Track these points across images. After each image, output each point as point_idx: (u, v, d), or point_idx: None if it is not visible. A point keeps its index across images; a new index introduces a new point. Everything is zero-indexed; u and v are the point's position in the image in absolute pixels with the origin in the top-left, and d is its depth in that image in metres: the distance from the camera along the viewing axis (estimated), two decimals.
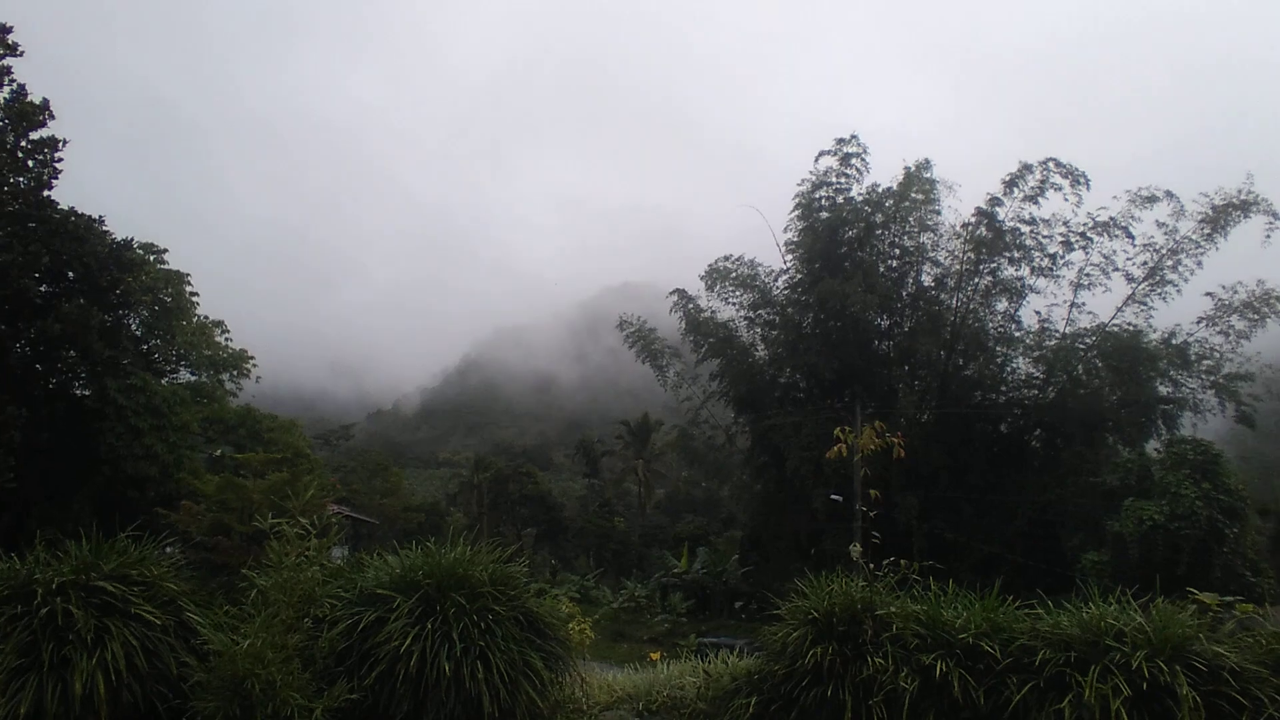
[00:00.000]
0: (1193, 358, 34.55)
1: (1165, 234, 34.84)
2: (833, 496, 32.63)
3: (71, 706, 7.87)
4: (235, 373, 37.87)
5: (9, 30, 22.23)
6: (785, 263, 39.55)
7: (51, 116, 23.16)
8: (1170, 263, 34.95)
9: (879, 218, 37.60)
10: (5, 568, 8.73)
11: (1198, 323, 34.76)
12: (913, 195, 37.35)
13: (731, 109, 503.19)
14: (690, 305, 40.41)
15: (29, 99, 22.86)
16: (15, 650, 7.90)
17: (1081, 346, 35.56)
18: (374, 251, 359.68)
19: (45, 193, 23.68)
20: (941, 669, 8.30)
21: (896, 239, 38.45)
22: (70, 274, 24.39)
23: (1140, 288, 35.41)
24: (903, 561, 9.45)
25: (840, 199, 37.89)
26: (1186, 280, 34.88)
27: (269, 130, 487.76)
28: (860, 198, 37.82)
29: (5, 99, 22.53)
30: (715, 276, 39.87)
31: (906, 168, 37.96)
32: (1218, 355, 34.29)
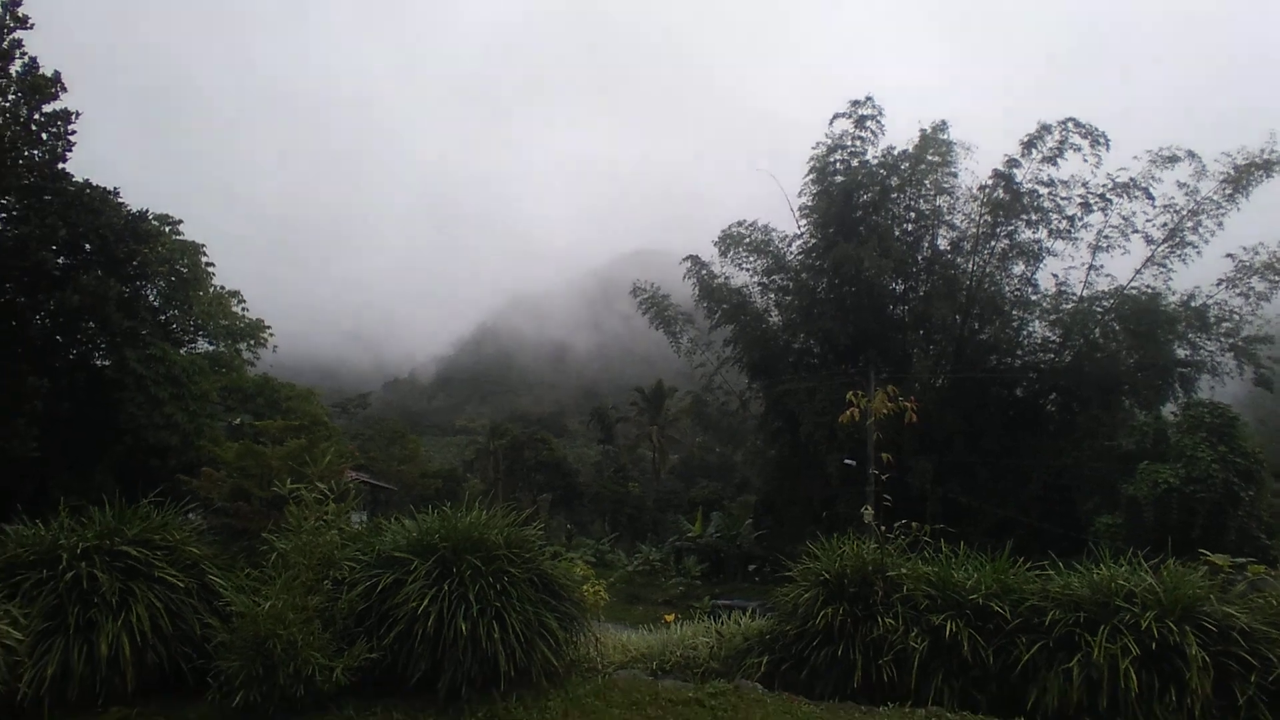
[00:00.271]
0: (1212, 320, 34.12)
1: (1186, 194, 34.30)
2: (846, 461, 32.67)
3: (98, 667, 8.07)
4: (252, 342, 38.19)
5: (19, 3, 22.15)
6: (799, 228, 39.27)
7: (64, 89, 23.10)
8: (1190, 224, 34.42)
9: (894, 181, 37.13)
10: (31, 533, 8.92)
11: (1217, 285, 34.29)
12: (929, 158, 36.83)
13: (746, 74, 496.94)
14: (704, 271, 40.24)
15: (41, 72, 22.82)
16: (42, 613, 8.09)
17: (1099, 309, 35.19)
18: (389, 222, 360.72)
19: (60, 165, 23.72)
20: (951, 629, 8.39)
21: (912, 202, 37.99)
22: (87, 246, 24.52)
23: (1159, 249, 34.92)
24: (914, 524, 9.51)
25: (855, 162, 37.44)
26: (1207, 242, 34.37)
27: (284, 102, 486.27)
28: (875, 161, 37.35)
29: (17, 72, 22.49)
30: (729, 242, 39.62)
31: (922, 130, 37.45)
32: (1237, 318, 33.86)
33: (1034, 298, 37.10)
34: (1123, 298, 34.67)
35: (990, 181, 35.79)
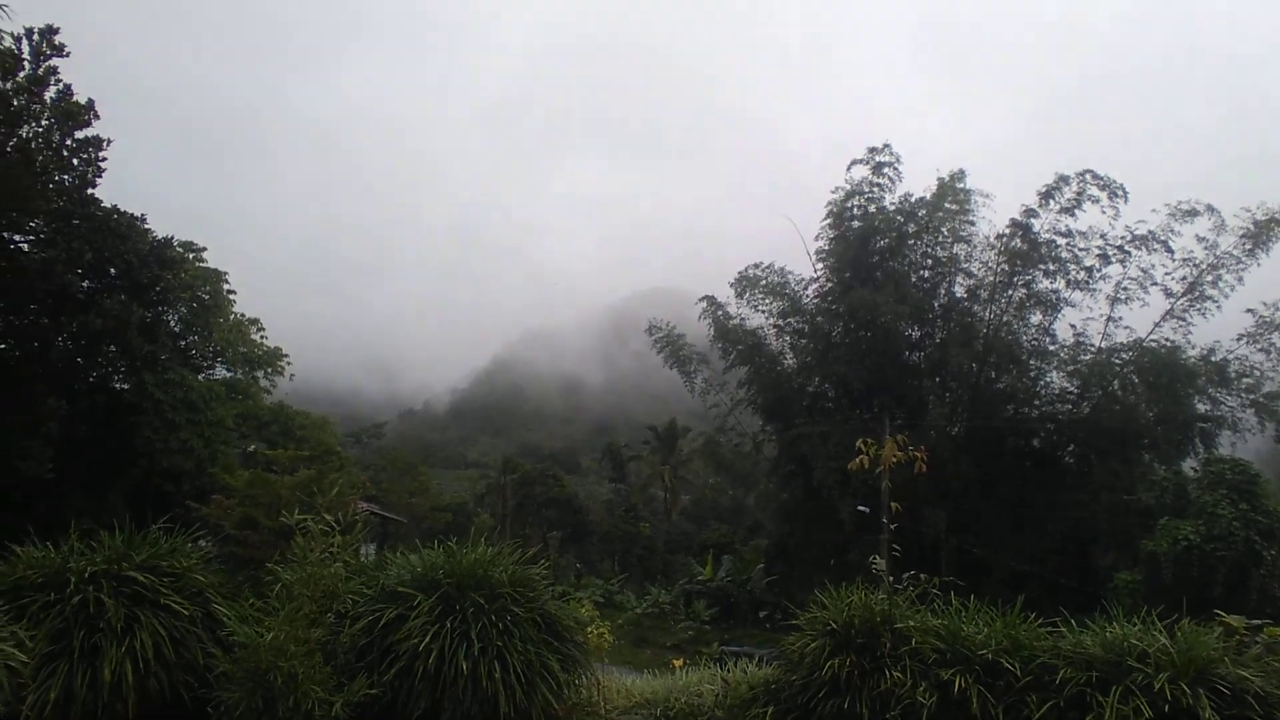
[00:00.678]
0: (1232, 375, 33.86)
1: (1205, 248, 34.23)
2: (859, 508, 32.38)
3: (100, 693, 8.06)
4: (270, 370, 38.50)
5: (55, 31, 22.78)
6: (816, 271, 39.42)
7: (96, 116, 23.66)
8: (1210, 278, 34.29)
9: (911, 228, 37.30)
10: (40, 556, 8.96)
11: (1238, 339, 34.11)
12: (946, 205, 37.00)
13: (767, 116, 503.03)
14: (719, 312, 40.33)
15: (74, 99, 23.40)
16: (47, 637, 8.10)
17: (1118, 362, 34.97)
18: (407, 253, 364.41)
19: (89, 191, 24.22)
20: (960, 685, 8.22)
21: (929, 249, 38.12)
22: (112, 270, 24.92)
23: (1179, 303, 34.77)
24: (922, 576, 9.38)
25: (872, 208, 37.66)
26: (1227, 296, 34.23)
27: (313, 134, 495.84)
28: (893, 207, 37.58)
29: (51, 99, 23.08)
30: (745, 284, 39.78)
31: (940, 178, 37.67)
32: (1258, 373, 33.62)
33: (1052, 348, 36.98)
34: (1142, 350, 34.47)
35: (1008, 230, 35.90)
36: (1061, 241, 35.65)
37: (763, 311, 39.97)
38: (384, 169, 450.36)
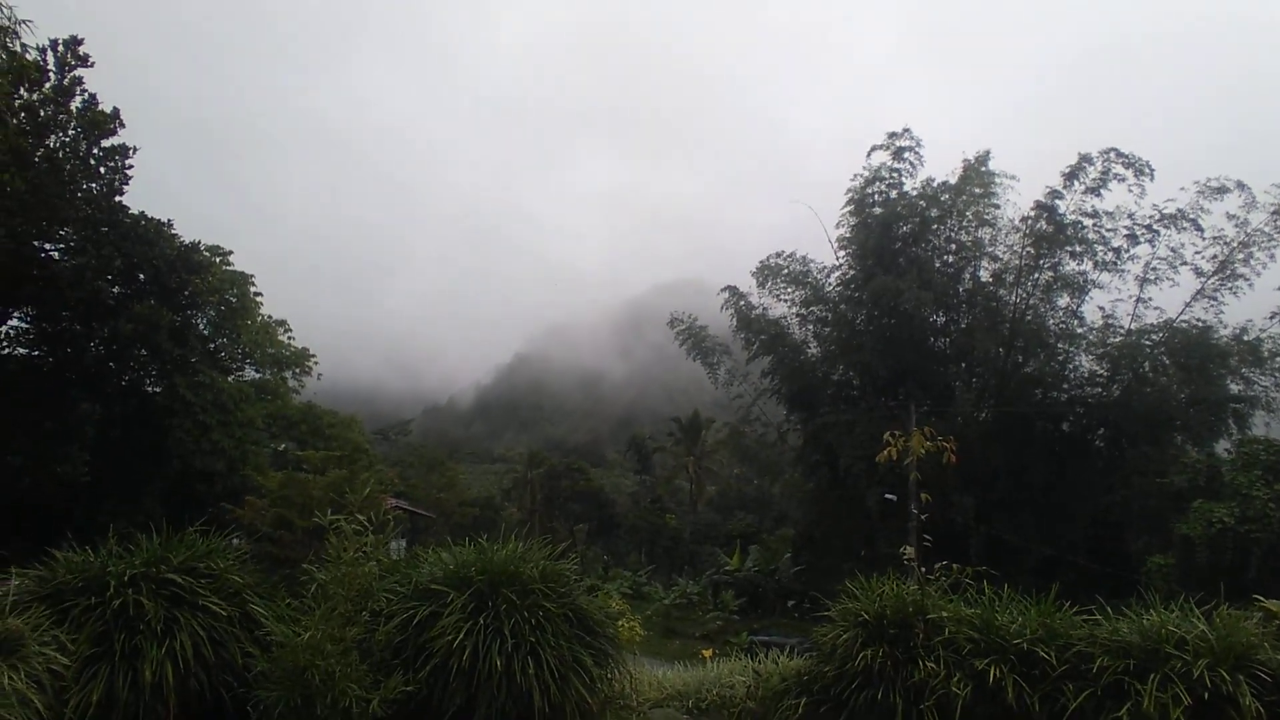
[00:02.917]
0: (1265, 354, 33.29)
1: (1236, 226, 33.66)
2: (887, 496, 32.20)
3: (142, 694, 8.17)
4: (297, 370, 38.89)
5: (80, 42, 23.07)
6: (838, 259, 39.16)
7: (122, 125, 23.96)
8: (1241, 256, 33.72)
9: (934, 212, 36.93)
10: (80, 560, 9.08)
11: (1270, 318, 33.50)
12: (971, 189, 36.61)
13: (779, 105, 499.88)
14: (741, 302, 40.21)
15: (100, 108, 23.70)
16: (88, 639, 8.21)
17: (1148, 343, 34.46)
18: (424, 252, 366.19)
19: (116, 198, 24.57)
20: (995, 674, 8.18)
21: (953, 234, 37.73)
22: (141, 276, 25.31)
23: (1210, 282, 34.21)
24: (954, 566, 9.31)
25: (894, 194, 37.33)
26: (1259, 274, 33.64)
27: (326, 135, 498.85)
28: (915, 192, 37.22)
29: (78, 108, 23.39)
30: (766, 273, 39.62)
31: (966, 160, 37.31)
32: None
33: (1080, 331, 36.50)
34: (1172, 331, 33.96)
35: (1032, 213, 35.44)
36: (1088, 222, 35.17)
37: (785, 301, 39.86)
38: (396, 169, 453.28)
